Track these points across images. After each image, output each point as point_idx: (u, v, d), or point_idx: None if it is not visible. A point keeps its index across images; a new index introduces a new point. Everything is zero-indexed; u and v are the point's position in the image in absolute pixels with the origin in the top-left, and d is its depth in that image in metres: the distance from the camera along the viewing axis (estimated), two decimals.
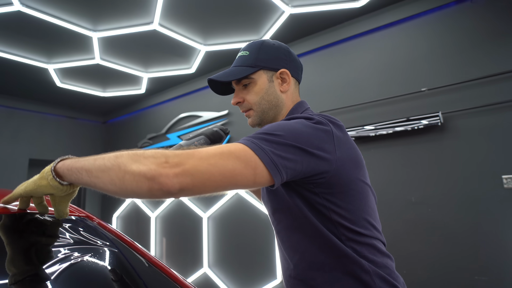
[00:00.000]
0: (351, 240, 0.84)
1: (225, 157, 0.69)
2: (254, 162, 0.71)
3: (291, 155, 0.75)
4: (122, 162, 0.65)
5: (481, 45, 2.42)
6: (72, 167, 0.72)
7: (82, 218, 1.07)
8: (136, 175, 0.63)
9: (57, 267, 0.73)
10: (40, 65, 3.74)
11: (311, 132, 0.80)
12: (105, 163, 0.67)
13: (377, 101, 2.83)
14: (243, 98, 1.02)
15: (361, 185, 0.89)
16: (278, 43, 1.03)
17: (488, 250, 2.25)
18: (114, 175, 0.65)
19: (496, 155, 2.28)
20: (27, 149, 4.96)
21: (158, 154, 0.65)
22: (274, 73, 1.00)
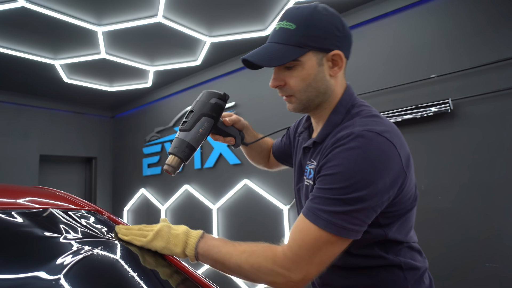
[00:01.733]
0: (394, 249, 0.85)
1: (324, 250, 0.74)
2: (343, 240, 0.75)
3: (372, 209, 0.74)
4: (253, 274, 0.79)
5: (491, 29, 2.36)
6: (208, 255, 0.83)
7: (92, 212, 1.08)
8: (270, 285, 0.78)
9: (67, 260, 0.74)
10: (47, 61, 3.76)
11: (377, 173, 0.72)
12: (239, 266, 0.79)
13: (385, 89, 2.79)
14: (285, 82, 0.86)
15: (414, 191, 0.85)
16: (329, 12, 0.84)
17: (499, 238, 2.22)
18: (246, 278, 0.81)
19: (507, 141, 2.24)
20: (37, 145, 5.02)
21: (275, 270, 0.76)
22: (325, 54, 0.83)
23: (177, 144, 0.96)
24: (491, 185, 2.28)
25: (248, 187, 3.79)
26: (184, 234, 0.85)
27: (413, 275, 0.85)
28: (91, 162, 5.88)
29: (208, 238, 0.85)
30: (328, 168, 0.76)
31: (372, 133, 0.74)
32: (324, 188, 0.75)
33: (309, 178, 0.87)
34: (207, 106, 0.99)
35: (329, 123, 0.87)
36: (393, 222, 0.82)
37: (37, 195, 1.15)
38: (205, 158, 4.27)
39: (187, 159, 0.97)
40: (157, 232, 0.85)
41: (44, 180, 5.15)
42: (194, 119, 0.97)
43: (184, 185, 4.48)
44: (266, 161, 1.28)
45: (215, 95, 1.01)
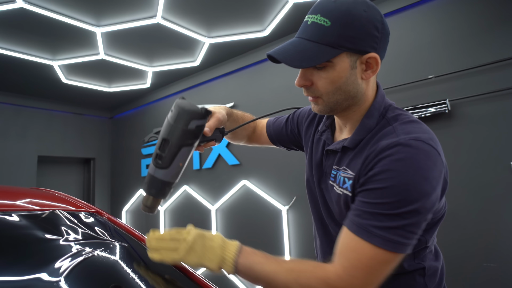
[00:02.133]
0: (421, 254, 0.84)
1: (380, 269, 0.70)
2: (398, 256, 0.71)
3: (425, 220, 0.71)
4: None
5: (489, 30, 2.37)
6: (250, 272, 0.76)
7: (92, 213, 1.08)
8: None
9: (68, 262, 0.74)
10: (45, 62, 3.76)
11: (429, 182, 0.69)
12: (287, 286, 0.73)
13: (384, 89, 2.79)
14: (312, 82, 0.78)
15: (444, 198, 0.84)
16: (370, 8, 0.74)
17: (497, 237, 2.24)
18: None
19: (505, 142, 2.26)
20: (35, 146, 5.01)
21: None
22: (359, 56, 0.75)
23: (154, 184, 0.82)
24: (488, 185, 2.29)
25: (247, 188, 3.79)
26: (220, 248, 0.77)
27: (432, 280, 0.85)
28: (89, 163, 5.87)
29: (247, 253, 0.78)
30: (377, 181, 0.71)
31: (419, 142, 0.70)
32: (374, 203, 0.70)
33: (343, 187, 0.81)
34: (187, 135, 0.80)
35: (363, 128, 0.81)
36: (431, 228, 0.81)
37: (37, 197, 1.16)
38: (204, 159, 4.27)
39: (167, 196, 0.86)
40: (191, 247, 0.77)
41: (42, 181, 5.14)
42: (172, 153, 0.80)
43: (183, 186, 4.48)
44: (246, 140, 1.22)
45: (195, 116, 0.80)
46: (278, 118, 1.20)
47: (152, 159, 0.82)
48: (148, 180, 0.83)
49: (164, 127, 0.81)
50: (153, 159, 0.81)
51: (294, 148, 1.17)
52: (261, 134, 1.22)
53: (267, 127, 1.20)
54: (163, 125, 0.82)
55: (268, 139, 1.20)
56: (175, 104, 0.81)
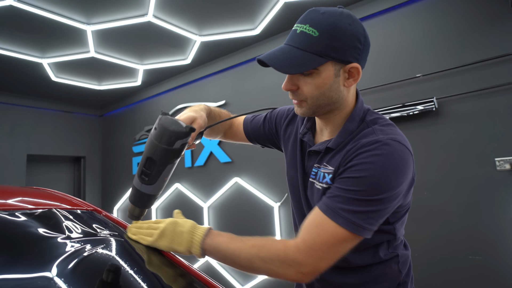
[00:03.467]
0: (394, 244, 0.92)
1: (337, 246, 0.78)
2: (357, 238, 0.78)
3: (386, 211, 0.79)
4: (264, 267, 0.80)
5: (474, 30, 2.44)
6: (216, 252, 0.84)
7: (91, 211, 1.11)
8: (280, 277, 0.80)
9: (71, 259, 0.76)
10: (34, 60, 3.73)
11: (398, 178, 0.78)
12: (249, 260, 0.81)
13: (372, 88, 2.86)
14: (298, 86, 0.84)
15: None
16: (354, 22, 0.80)
17: (482, 231, 2.31)
18: (256, 271, 0.83)
19: (489, 139, 2.33)
20: (24, 145, 4.96)
21: (286, 262, 0.78)
22: (343, 66, 0.82)
23: (141, 198, 0.86)
24: (474, 180, 2.37)
25: (238, 185, 3.83)
26: (188, 233, 0.84)
27: (404, 266, 0.93)
28: (79, 162, 5.83)
29: (214, 235, 0.85)
30: (354, 171, 0.79)
31: (396, 142, 0.79)
32: (347, 189, 0.78)
33: (322, 182, 0.88)
34: (172, 154, 0.81)
35: (346, 131, 0.88)
36: (398, 220, 0.90)
37: (36, 196, 1.17)
38: (195, 157, 4.28)
39: (152, 205, 0.91)
40: (162, 232, 0.85)
41: (31, 180, 5.09)
42: (157, 171, 0.82)
43: (174, 184, 4.49)
44: (222, 134, 1.26)
45: (180, 136, 0.80)
46: (255, 116, 1.25)
47: (138, 175, 0.84)
48: (134, 194, 0.87)
49: (148, 145, 0.81)
50: (139, 175, 0.84)
51: (269, 146, 1.23)
52: (238, 131, 1.26)
53: (244, 124, 1.25)
54: (147, 142, 0.83)
55: (245, 135, 1.25)
56: (158, 122, 0.81)
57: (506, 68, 2.29)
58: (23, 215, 0.91)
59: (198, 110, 1.00)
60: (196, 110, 1.00)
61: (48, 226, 0.90)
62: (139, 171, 0.83)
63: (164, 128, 0.79)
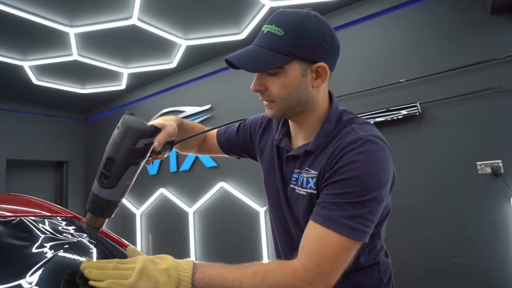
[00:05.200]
0: (374, 249, 0.91)
1: (344, 256, 0.74)
2: (359, 243, 0.76)
3: (381, 209, 0.78)
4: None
5: (456, 36, 2.49)
6: (211, 285, 0.72)
7: (70, 218, 1.07)
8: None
9: (44, 268, 0.74)
10: (15, 62, 3.64)
11: (385, 174, 0.77)
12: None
13: (357, 93, 2.88)
14: (266, 87, 0.84)
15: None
16: (320, 22, 0.80)
17: (464, 234, 2.35)
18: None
19: (471, 143, 2.38)
20: (4, 150, 4.83)
21: (297, 286, 0.71)
22: (309, 65, 0.81)
23: (98, 204, 0.77)
24: (456, 184, 2.41)
25: (224, 190, 3.80)
26: (174, 268, 0.71)
27: (386, 274, 0.92)
28: (62, 166, 5.70)
29: (204, 268, 0.74)
30: (342, 173, 0.76)
31: (377, 138, 0.79)
32: (339, 193, 0.75)
33: (307, 187, 0.86)
34: (134, 154, 0.75)
35: (323, 132, 0.88)
36: (382, 222, 0.88)
37: (10, 203, 1.13)
38: (181, 161, 4.24)
39: (112, 214, 0.81)
40: (141, 271, 0.68)
41: (11, 185, 4.95)
42: (118, 172, 0.75)
43: (159, 189, 4.43)
44: (196, 149, 1.23)
45: (143, 135, 0.75)
46: (228, 127, 1.23)
47: (97, 178, 0.77)
48: (92, 199, 0.77)
49: (110, 145, 0.76)
50: (97, 178, 0.76)
51: (244, 156, 1.21)
52: (211, 144, 1.24)
53: (217, 136, 1.22)
54: (109, 142, 0.77)
55: (219, 147, 1.22)
56: (122, 121, 0.77)
57: (488, 73, 2.35)
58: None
59: (168, 119, 0.97)
60: (166, 119, 0.96)
61: (21, 235, 0.87)
62: (98, 174, 0.76)
63: (127, 126, 0.74)
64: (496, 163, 2.27)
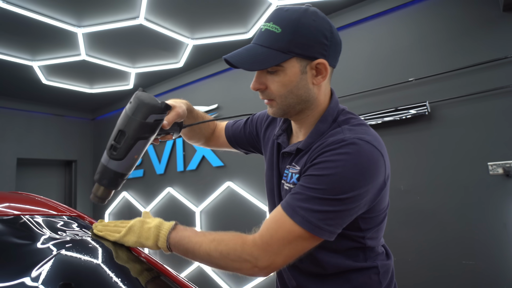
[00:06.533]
0: (371, 255, 0.89)
1: (294, 244, 0.76)
2: (315, 238, 0.77)
3: (348, 213, 0.76)
4: (221, 261, 0.81)
5: (467, 34, 2.45)
6: (179, 245, 0.84)
7: (74, 217, 1.07)
8: (237, 271, 0.81)
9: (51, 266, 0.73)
10: (25, 63, 3.67)
11: (363, 178, 0.75)
12: (208, 254, 0.81)
13: (365, 92, 2.85)
14: (266, 86, 0.83)
15: (388, 199, 0.89)
16: (319, 18, 0.80)
17: (475, 235, 2.30)
18: (214, 265, 0.83)
19: (482, 143, 2.33)
20: (14, 149, 4.88)
21: (243, 257, 0.78)
22: (309, 62, 0.79)
23: (106, 174, 0.80)
24: (467, 185, 2.36)
25: (231, 189, 3.79)
26: (155, 227, 0.86)
27: (385, 277, 0.90)
28: (71, 165, 5.76)
29: (179, 229, 0.86)
30: (316, 169, 0.76)
31: (363, 142, 0.76)
32: (308, 187, 0.76)
33: (290, 182, 0.87)
34: (144, 128, 0.78)
35: (316, 132, 0.86)
36: (372, 228, 0.85)
37: (16, 201, 1.13)
38: (188, 161, 4.25)
39: (119, 187, 0.85)
40: (130, 228, 0.87)
41: (21, 184, 5.01)
42: (127, 144, 0.77)
43: (166, 188, 4.44)
44: (204, 141, 1.24)
45: (154, 110, 0.78)
46: (236, 121, 1.24)
47: (106, 149, 0.80)
48: (101, 170, 0.81)
49: (121, 118, 0.79)
50: (107, 150, 0.80)
51: (252, 150, 1.22)
52: (220, 136, 1.25)
53: (225, 130, 1.23)
54: (121, 116, 0.80)
55: (227, 141, 1.23)
56: (134, 95, 0.79)
57: (499, 72, 2.30)
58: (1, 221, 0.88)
59: (179, 101, 1.00)
60: (176, 101, 1.00)
61: (30, 233, 0.87)
62: (108, 145, 0.79)
63: (139, 101, 0.77)
64: (508, 163, 2.22)
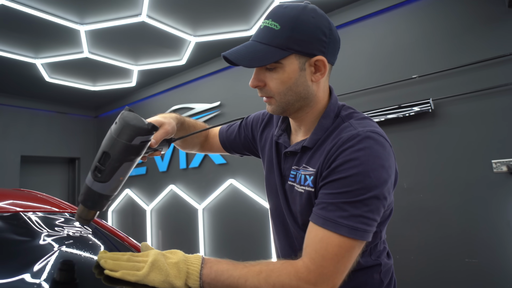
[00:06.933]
0: (375, 250, 0.88)
1: (347, 257, 0.73)
2: (362, 243, 0.75)
3: (383, 207, 0.75)
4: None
5: (471, 31, 2.42)
6: (217, 282, 0.74)
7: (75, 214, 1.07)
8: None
9: (52, 263, 0.73)
10: (27, 60, 3.68)
11: (386, 170, 0.74)
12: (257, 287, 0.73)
13: (368, 89, 2.84)
14: (265, 83, 0.82)
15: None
16: (318, 15, 0.79)
17: (478, 234, 2.29)
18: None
19: (486, 140, 2.31)
20: (18, 146, 4.91)
21: (300, 286, 0.71)
22: (308, 59, 0.79)
23: (91, 197, 0.77)
24: (470, 183, 2.35)
25: (233, 187, 3.79)
26: (183, 262, 0.74)
27: (387, 276, 0.89)
28: (74, 163, 5.78)
29: (212, 263, 0.76)
30: (340, 171, 0.74)
31: (375, 134, 0.76)
32: (338, 193, 0.74)
33: (305, 184, 0.84)
34: (130, 150, 0.75)
35: (320, 128, 0.85)
36: (384, 221, 0.85)
37: (18, 198, 1.14)
38: (190, 158, 4.25)
39: (104, 208, 0.81)
40: (153, 264, 0.72)
41: (25, 181, 5.04)
42: (112, 167, 0.75)
43: (169, 185, 4.45)
44: (198, 148, 1.23)
45: (140, 132, 0.75)
46: (230, 126, 1.22)
47: (91, 171, 0.77)
48: (85, 191, 0.77)
49: (106, 139, 0.76)
50: (92, 171, 0.77)
51: (247, 153, 1.21)
52: (214, 142, 1.24)
53: (220, 134, 1.22)
54: (106, 137, 0.77)
55: (221, 146, 1.22)
56: (120, 116, 0.77)
57: (503, 69, 2.28)
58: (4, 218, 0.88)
59: (167, 117, 0.96)
60: (165, 116, 0.96)
61: (32, 230, 0.87)
62: (92, 167, 0.76)
63: (125, 122, 0.74)
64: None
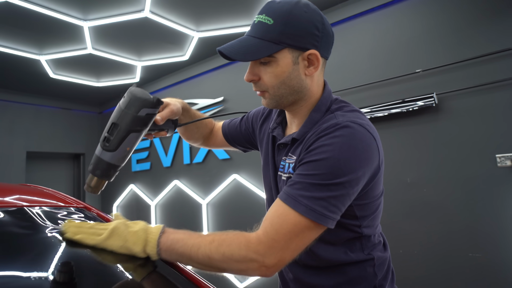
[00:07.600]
0: (368, 245, 0.88)
1: (301, 236, 0.74)
2: (320, 227, 0.76)
3: (348, 197, 0.76)
4: (225, 263, 0.75)
5: (474, 24, 2.40)
6: (172, 250, 0.78)
7: (81, 209, 1.09)
8: (242, 273, 0.77)
9: (57, 256, 0.75)
10: (32, 57, 3.70)
11: (359, 160, 0.75)
12: (208, 257, 0.75)
13: (372, 84, 2.83)
14: (259, 77, 0.84)
15: (382, 186, 0.89)
16: (310, 10, 0.81)
17: (482, 228, 2.29)
18: (216, 269, 0.77)
19: (490, 135, 2.30)
20: (23, 142, 4.95)
21: (249, 256, 0.74)
22: (301, 53, 0.81)
23: (99, 165, 0.82)
24: (474, 177, 2.34)
25: (237, 182, 3.81)
26: (143, 231, 0.79)
27: (381, 269, 0.90)
28: (79, 159, 5.82)
29: (170, 232, 0.80)
30: (312, 155, 0.76)
31: (356, 124, 0.77)
32: (306, 174, 0.75)
33: (286, 172, 0.87)
34: (136, 121, 0.81)
35: (310, 121, 0.87)
36: (367, 215, 0.86)
37: (25, 193, 1.15)
38: (194, 153, 4.27)
39: (112, 178, 0.86)
40: (113, 230, 0.76)
41: (31, 177, 5.09)
42: (119, 137, 0.81)
43: (173, 181, 4.47)
44: (202, 141, 1.25)
45: (146, 104, 0.82)
46: (232, 120, 1.25)
47: (100, 141, 0.83)
48: (94, 161, 0.83)
49: (115, 112, 0.83)
50: (101, 141, 0.82)
51: (249, 147, 1.23)
52: (217, 136, 1.26)
53: (222, 128, 1.25)
54: (115, 109, 0.83)
55: (224, 139, 1.24)
56: (128, 90, 0.84)
57: (507, 63, 2.26)
58: (6, 212, 0.89)
59: (174, 100, 1.01)
60: (172, 99, 1.00)
61: (34, 224, 0.88)
62: (102, 137, 0.82)
63: (132, 95, 0.81)
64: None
